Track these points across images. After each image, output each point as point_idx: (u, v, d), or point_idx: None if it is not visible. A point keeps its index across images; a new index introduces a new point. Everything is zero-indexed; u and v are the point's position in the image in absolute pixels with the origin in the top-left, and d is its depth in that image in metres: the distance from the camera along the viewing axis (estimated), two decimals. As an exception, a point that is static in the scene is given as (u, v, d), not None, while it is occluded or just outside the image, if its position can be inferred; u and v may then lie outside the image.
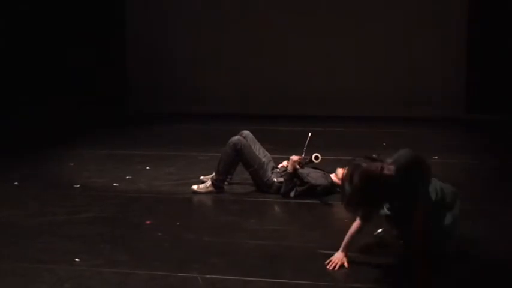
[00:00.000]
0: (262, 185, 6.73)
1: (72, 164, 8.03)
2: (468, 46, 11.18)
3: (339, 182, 6.63)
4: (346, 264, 4.71)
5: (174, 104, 11.81)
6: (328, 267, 4.71)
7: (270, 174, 6.71)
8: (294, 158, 6.53)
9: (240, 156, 6.72)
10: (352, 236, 4.79)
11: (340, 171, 6.65)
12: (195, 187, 6.78)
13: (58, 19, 12.21)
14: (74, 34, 12.19)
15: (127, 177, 7.36)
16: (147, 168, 7.80)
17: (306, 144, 6.58)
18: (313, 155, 6.41)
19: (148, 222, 5.83)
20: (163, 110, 11.69)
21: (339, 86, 11.47)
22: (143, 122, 11.08)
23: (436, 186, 4.72)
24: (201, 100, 11.79)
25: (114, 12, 12.26)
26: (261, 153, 6.83)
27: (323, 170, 6.73)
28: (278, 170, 6.77)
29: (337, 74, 11.52)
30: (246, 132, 6.95)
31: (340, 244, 4.82)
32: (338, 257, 4.75)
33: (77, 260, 4.92)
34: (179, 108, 11.68)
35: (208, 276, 4.61)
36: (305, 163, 6.53)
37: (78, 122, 10.99)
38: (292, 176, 6.52)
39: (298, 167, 6.50)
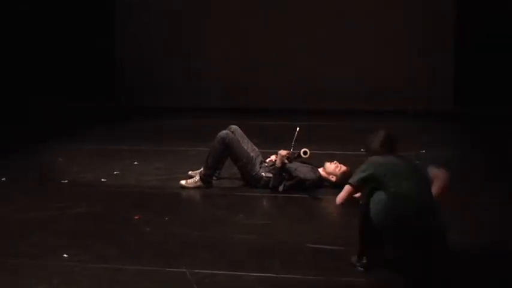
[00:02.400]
0: (250, 180, 6.73)
1: (60, 160, 8.01)
2: (456, 39, 11.19)
3: (327, 176, 6.65)
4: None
5: (161, 98, 11.77)
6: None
7: (259, 169, 6.71)
8: (283, 152, 6.54)
9: (229, 150, 6.72)
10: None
11: (328, 165, 6.67)
12: (183, 182, 6.78)
13: (46, 14, 12.12)
14: (62, 28, 12.11)
15: (115, 173, 7.35)
16: (136, 163, 7.78)
17: (294, 138, 6.59)
18: (302, 150, 6.42)
19: (136, 217, 5.82)
20: (151, 104, 11.64)
21: (327, 80, 11.47)
22: (131, 117, 11.03)
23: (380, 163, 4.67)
24: (189, 94, 11.76)
25: (103, 4, 12.18)
26: (249, 147, 6.83)
27: (311, 165, 6.74)
28: (266, 164, 6.77)
29: (325, 69, 11.51)
30: (234, 127, 6.95)
31: (329, 238, 4.84)
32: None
33: (65, 255, 4.91)
34: (167, 102, 11.63)
35: (197, 270, 4.61)
36: (293, 158, 6.54)
37: (66, 117, 10.94)
38: (281, 171, 6.53)
39: (286, 161, 6.51)
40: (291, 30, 11.61)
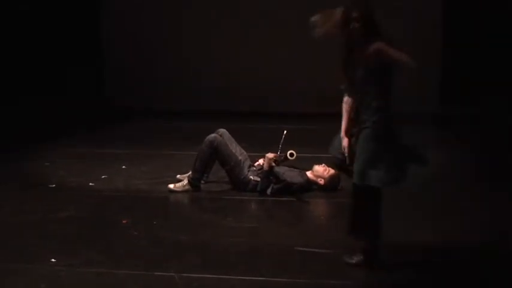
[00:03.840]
0: (238, 183, 6.73)
1: (47, 164, 7.97)
2: (443, 39, 11.20)
3: (315, 179, 6.66)
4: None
5: (151, 101, 11.75)
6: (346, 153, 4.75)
7: (247, 172, 6.71)
8: (270, 155, 6.56)
9: (217, 154, 6.71)
10: (349, 118, 4.82)
11: (317, 168, 6.69)
12: (171, 186, 6.76)
13: (33, 16, 11.98)
14: (50, 30, 11.98)
15: (103, 177, 7.32)
16: (123, 167, 7.76)
17: (281, 141, 6.59)
18: (288, 152, 6.43)
19: (124, 221, 5.80)
20: (139, 108, 11.61)
21: (312, 82, 11.44)
22: (118, 120, 11.00)
23: None
24: (178, 97, 11.73)
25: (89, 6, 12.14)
26: (237, 151, 6.83)
27: (299, 168, 6.75)
28: (254, 168, 6.77)
29: (312, 71, 11.48)
30: (222, 131, 6.94)
31: (317, 241, 4.84)
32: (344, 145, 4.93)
33: (53, 260, 4.89)
34: (156, 106, 11.61)
35: (185, 274, 4.60)
36: (280, 160, 6.55)
37: (53, 121, 10.88)
38: (268, 174, 6.54)
39: (274, 164, 6.53)
40: (282, 36, 11.56)
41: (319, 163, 6.75)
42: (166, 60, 11.97)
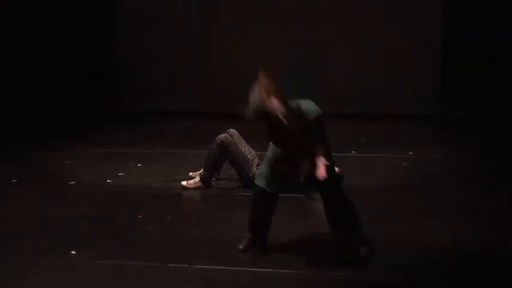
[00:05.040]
0: (247, 181, 6.74)
1: (67, 162, 8.02)
2: (443, 43, 11.08)
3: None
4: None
5: (163, 103, 11.76)
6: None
7: (255, 170, 6.72)
8: (277, 154, 6.57)
9: (227, 153, 6.74)
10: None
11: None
12: (184, 183, 6.80)
13: (48, 18, 11.95)
14: (64, 33, 11.96)
15: (120, 174, 7.36)
16: (139, 165, 7.79)
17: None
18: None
19: (140, 216, 5.84)
20: (153, 109, 11.62)
21: (316, 83, 11.37)
22: (134, 122, 11.02)
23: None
24: (189, 99, 11.73)
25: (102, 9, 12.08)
26: (246, 150, 6.85)
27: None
28: (262, 166, 6.78)
29: (314, 72, 11.41)
30: (232, 131, 6.97)
31: (320, 236, 4.86)
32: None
33: (73, 252, 4.93)
34: (169, 107, 11.61)
35: (197, 266, 4.63)
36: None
37: (73, 121, 10.93)
38: (276, 172, 6.54)
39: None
40: (280, 39, 11.51)
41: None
42: (177, 65, 11.95)
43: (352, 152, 8.02)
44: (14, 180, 7.11)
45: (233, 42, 11.73)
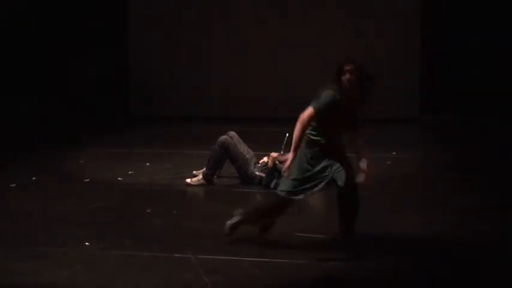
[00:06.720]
0: (246, 178, 6.78)
1: (82, 161, 8.03)
2: (422, 46, 10.89)
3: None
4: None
5: (170, 108, 11.71)
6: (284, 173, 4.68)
7: (253, 169, 6.77)
8: (274, 154, 6.64)
9: (227, 153, 6.78)
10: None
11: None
12: (188, 180, 6.83)
13: (61, 22, 11.73)
14: (76, 38, 11.75)
15: (130, 172, 7.38)
16: (147, 164, 7.81)
17: (284, 143, 6.63)
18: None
19: (148, 210, 5.85)
20: (161, 114, 11.59)
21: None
22: (143, 124, 11.04)
23: None
24: (193, 104, 11.70)
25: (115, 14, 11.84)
26: (245, 150, 6.88)
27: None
28: (260, 165, 6.82)
29: (313, 80, 11.26)
30: (232, 133, 7.00)
31: (314, 227, 4.86)
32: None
33: (87, 243, 4.94)
34: (175, 112, 11.57)
35: (200, 256, 4.65)
36: (283, 160, 6.58)
37: (88, 124, 10.89)
38: (272, 170, 6.58)
39: (277, 162, 6.57)
40: (279, 45, 11.43)
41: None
42: (183, 73, 11.86)
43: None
44: (33, 178, 7.12)
45: (235, 52, 11.69)
